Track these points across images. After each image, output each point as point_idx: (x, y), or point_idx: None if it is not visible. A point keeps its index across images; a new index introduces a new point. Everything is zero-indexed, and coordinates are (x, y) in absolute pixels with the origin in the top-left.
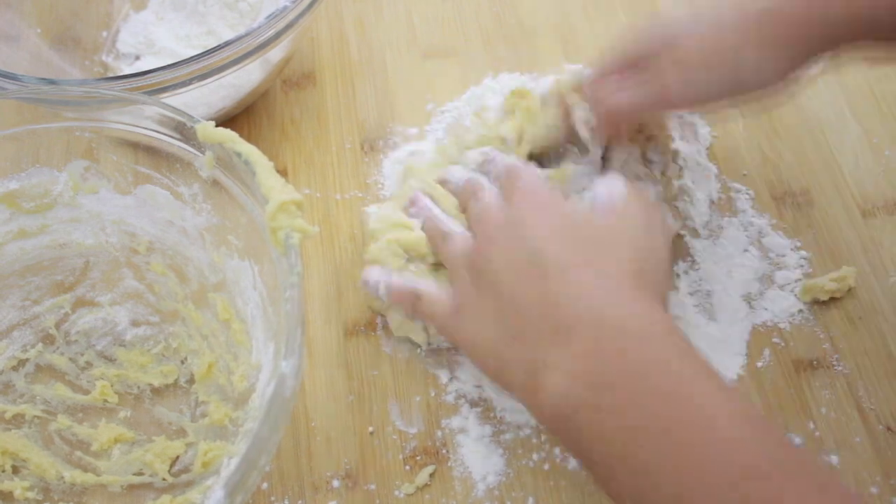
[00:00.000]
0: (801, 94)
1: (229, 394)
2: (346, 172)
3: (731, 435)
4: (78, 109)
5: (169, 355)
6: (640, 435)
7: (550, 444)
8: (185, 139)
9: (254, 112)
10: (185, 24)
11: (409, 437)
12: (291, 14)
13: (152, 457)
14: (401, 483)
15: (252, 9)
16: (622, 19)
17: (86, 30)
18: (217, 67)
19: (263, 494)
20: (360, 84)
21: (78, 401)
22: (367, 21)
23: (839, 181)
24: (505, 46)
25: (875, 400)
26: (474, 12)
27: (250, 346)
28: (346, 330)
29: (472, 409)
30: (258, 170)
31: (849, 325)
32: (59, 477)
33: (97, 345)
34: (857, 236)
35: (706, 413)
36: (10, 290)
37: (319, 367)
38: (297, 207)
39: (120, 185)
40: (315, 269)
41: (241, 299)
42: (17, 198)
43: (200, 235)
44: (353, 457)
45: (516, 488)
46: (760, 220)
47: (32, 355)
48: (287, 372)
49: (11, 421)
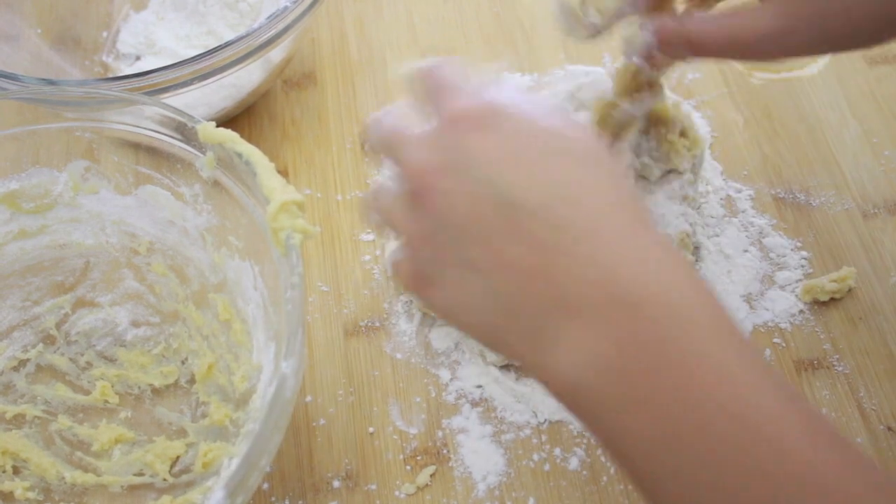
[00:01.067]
0: (801, 95)
1: (230, 394)
2: (346, 172)
3: (812, 457)
4: (78, 110)
5: (169, 356)
6: (686, 451)
7: (551, 445)
8: (186, 139)
9: (254, 112)
10: (186, 24)
11: (409, 438)
12: (292, 14)
13: (153, 457)
14: (401, 483)
15: (252, 9)
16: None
17: (86, 30)
18: (218, 68)
19: (264, 495)
20: (360, 84)
21: (78, 401)
22: (367, 21)
23: (839, 181)
24: (505, 46)
25: (875, 400)
26: (474, 12)
27: (251, 346)
28: (346, 330)
29: (472, 409)
30: (259, 170)
31: (849, 326)
32: (60, 477)
33: (97, 345)
34: (858, 236)
35: (777, 437)
36: (11, 290)
37: (320, 367)
38: (299, 208)
39: (120, 185)
40: (316, 269)
41: (242, 300)
42: (18, 198)
43: (201, 236)
44: (354, 457)
45: (517, 488)
46: (761, 221)
47: (33, 356)
48: (288, 372)
49: (12, 421)
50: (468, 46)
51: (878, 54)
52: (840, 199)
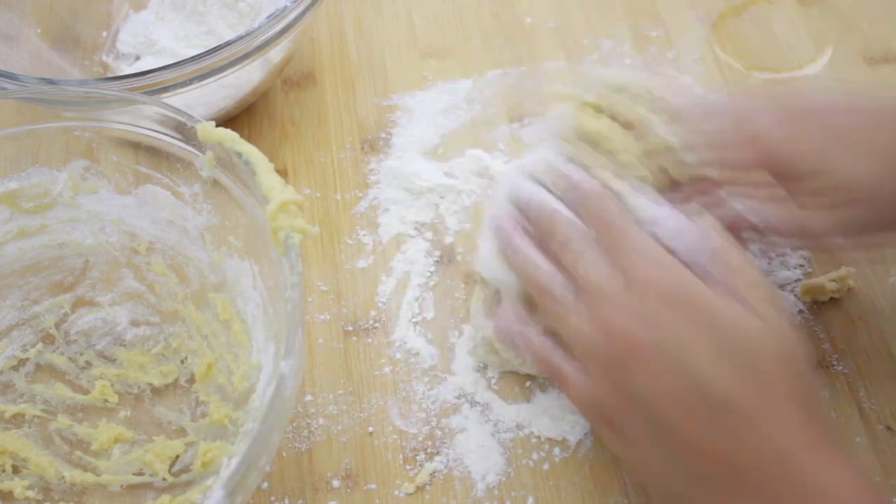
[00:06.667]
0: None
1: (229, 394)
2: (346, 172)
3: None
4: (78, 109)
5: (169, 355)
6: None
7: (550, 444)
8: (186, 139)
9: (254, 112)
10: (185, 24)
11: (409, 437)
12: (291, 14)
13: (152, 456)
14: (401, 483)
15: (252, 9)
16: (622, 19)
17: (86, 30)
18: (217, 67)
19: (263, 494)
20: (360, 84)
21: (78, 400)
22: (366, 21)
23: None
24: (505, 46)
25: (875, 400)
26: (474, 12)
27: (250, 346)
28: (345, 329)
29: (472, 408)
30: (258, 170)
31: (849, 325)
32: (59, 476)
33: (97, 345)
34: None
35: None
36: (10, 290)
37: (319, 366)
38: (298, 207)
39: (120, 184)
40: (315, 268)
41: (242, 299)
42: (17, 198)
43: (201, 235)
44: (353, 457)
45: (516, 488)
46: None
47: (32, 355)
48: (287, 372)
49: (11, 420)
50: (468, 46)
51: (878, 54)
52: None
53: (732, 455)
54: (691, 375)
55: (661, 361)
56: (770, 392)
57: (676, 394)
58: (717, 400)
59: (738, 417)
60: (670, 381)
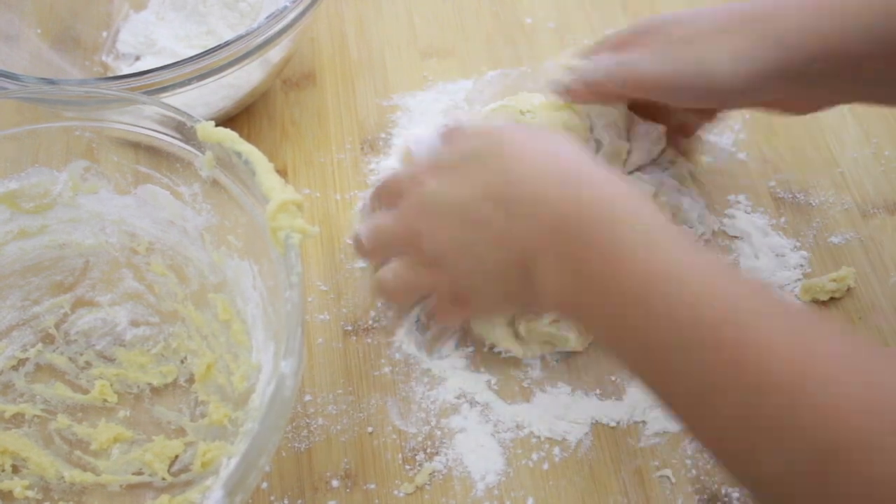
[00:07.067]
0: None
1: (229, 394)
2: (346, 172)
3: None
4: (78, 109)
5: (168, 355)
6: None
7: (550, 444)
8: (185, 139)
9: (254, 112)
10: (185, 24)
11: (408, 437)
12: (291, 14)
13: (151, 456)
14: (400, 483)
15: (252, 9)
16: (621, 19)
17: (86, 30)
18: (217, 67)
19: (263, 494)
20: (360, 84)
21: (77, 400)
22: (366, 21)
23: (839, 181)
24: (505, 46)
25: None
26: (474, 12)
27: (250, 346)
28: (345, 329)
29: (471, 408)
30: (258, 170)
31: (849, 326)
32: (59, 476)
33: (97, 345)
34: (857, 236)
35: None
36: (10, 290)
37: (319, 366)
38: (298, 207)
39: (120, 185)
40: (315, 268)
41: (241, 299)
42: (17, 198)
43: (200, 235)
44: (353, 457)
45: (516, 487)
46: (760, 220)
47: (32, 355)
48: (287, 372)
49: (11, 420)
50: (468, 46)
51: None
52: (839, 198)
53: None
54: (487, 184)
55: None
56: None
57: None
58: (513, 195)
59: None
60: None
